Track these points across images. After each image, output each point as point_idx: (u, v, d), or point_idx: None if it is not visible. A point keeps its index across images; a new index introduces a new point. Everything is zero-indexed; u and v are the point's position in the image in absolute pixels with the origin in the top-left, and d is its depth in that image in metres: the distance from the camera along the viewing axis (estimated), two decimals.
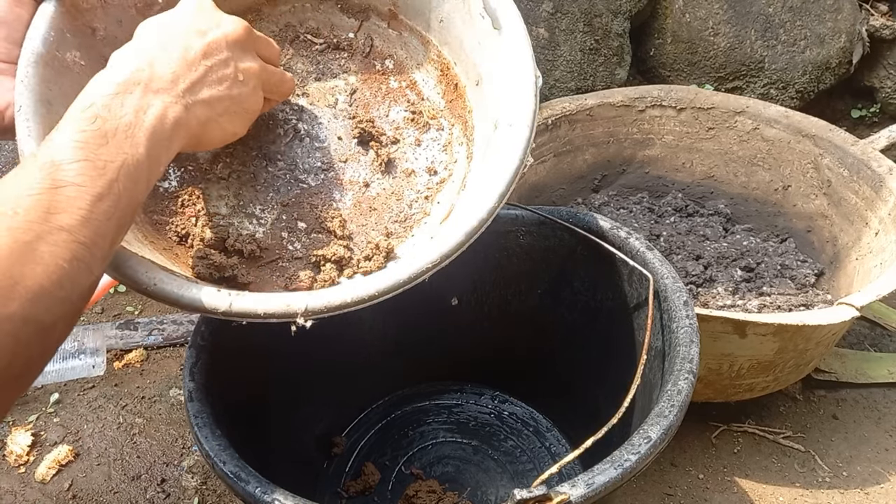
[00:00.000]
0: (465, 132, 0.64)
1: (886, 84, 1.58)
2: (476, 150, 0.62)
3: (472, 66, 0.63)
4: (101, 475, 0.89)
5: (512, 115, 0.57)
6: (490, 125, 0.60)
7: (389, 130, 0.66)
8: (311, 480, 0.79)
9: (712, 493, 0.88)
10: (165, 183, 0.60)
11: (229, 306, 0.47)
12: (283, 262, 0.59)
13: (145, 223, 0.57)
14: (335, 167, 0.64)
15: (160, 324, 1.09)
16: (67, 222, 0.38)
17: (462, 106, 0.65)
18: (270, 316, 0.48)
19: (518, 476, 0.79)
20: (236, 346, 0.62)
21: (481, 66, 0.62)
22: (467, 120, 0.64)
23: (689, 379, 0.54)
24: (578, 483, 0.45)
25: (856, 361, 1.06)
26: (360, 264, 0.58)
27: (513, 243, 0.77)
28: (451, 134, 0.65)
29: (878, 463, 0.93)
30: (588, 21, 1.36)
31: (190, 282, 0.50)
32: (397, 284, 0.49)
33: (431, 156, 0.65)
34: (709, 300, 0.99)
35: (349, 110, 0.66)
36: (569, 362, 0.81)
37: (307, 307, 0.47)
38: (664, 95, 1.19)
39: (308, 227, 0.61)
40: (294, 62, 0.67)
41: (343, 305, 0.48)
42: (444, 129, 0.66)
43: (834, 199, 1.07)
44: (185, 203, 0.59)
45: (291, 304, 0.47)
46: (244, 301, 0.48)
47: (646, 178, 1.24)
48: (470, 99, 0.64)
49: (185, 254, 0.56)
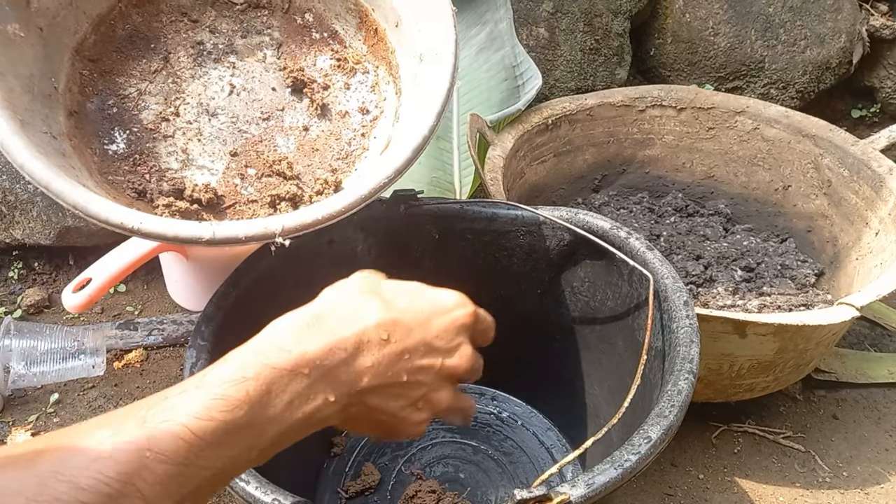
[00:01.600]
0: (389, 72, 0.69)
1: (886, 84, 1.58)
2: (404, 86, 0.67)
3: (390, 8, 0.68)
4: None
5: (435, 45, 0.62)
6: (415, 60, 0.65)
7: (319, 78, 0.70)
8: (311, 480, 0.79)
9: (712, 493, 0.88)
10: (114, 146, 0.63)
11: (213, 234, 0.51)
12: (240, 206, 0.63)
13: (103, 183, 0.60)
14: (274, 116, 0.68)
15: (160, 324, 1.09)
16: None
17: (384, 48, 0.70)
18: (251, 238, 0.52)
19: (518, 476, 0.79)
20: (236, 347, 0.62)
21: (399, 7, 0.66)
22: (391, 60, 0.69)
23: (690, 379, 0.54)
24: (578, 483, 0.45)
25: (856, 361, 1.06)
26: (312, 199, 0.62)
27: (513, 243, 0.77)
28: (377, 75, 0.71)
29: (878, 463, 0.93)
30: (588, 21, 1.36)
31: (173, 219, 0.53)
32: (360, 198, 0.54)
33: (361, 97, 0.70)
34: (709, 300, 0.99)
35: (278, 63, 0.70)
36: (569, 362, 0.81)
37: (283, 227, 0.52)
38: (664, 95, 1.19)
39: (258, 173, 0.65)
40: (218, 23, 0.70)
41: (315, 222, 0.52)
42: (369, 73, 0.71)
43: (834, 199, 1.07)
44: (136, 162, 0.62)
45: (269, 225, 0.52)
46: (225, 228, 0.52)
47: (646, 178, 1.24)
48: (391, 41, 0.69)
49: (146, 208, 0.59)
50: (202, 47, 0.69)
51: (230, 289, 0.64)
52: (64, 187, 0.49)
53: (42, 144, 0.53)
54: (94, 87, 0.64)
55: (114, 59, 0.65)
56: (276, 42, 0.71)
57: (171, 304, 1.15)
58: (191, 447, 0.32)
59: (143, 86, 0.66)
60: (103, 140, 0.62)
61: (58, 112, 0.59)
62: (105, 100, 0.64)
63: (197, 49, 0.68)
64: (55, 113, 0.59)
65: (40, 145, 0.53)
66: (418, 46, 0.64)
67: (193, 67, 0.68)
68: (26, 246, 1.14)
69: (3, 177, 1.07)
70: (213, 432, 0.32)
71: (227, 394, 0.33)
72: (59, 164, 0.53)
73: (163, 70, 0.66)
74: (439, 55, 0.61)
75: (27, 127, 0.53)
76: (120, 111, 0.64)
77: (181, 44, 0.68)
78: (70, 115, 0.61)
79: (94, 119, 0.63)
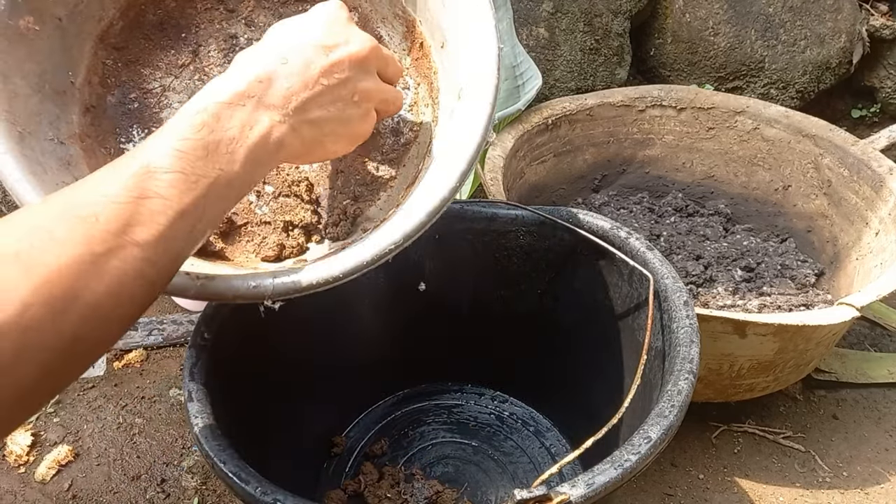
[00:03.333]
0: (430, 93, 0.63)
1: (886, 84, 1.58)
2: (441, 115, 0.61)
3: (437, 27, 0.62)
4: (101, 475, 0.89)
5: (474, 89, 0.56)
6: (454, 93, 0.59)
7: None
8: (311, 480, 0.79)
9: (712, 494, 0.88)
10: (130, 145, 0.59)
11: (199, 288, 0.49)
12: (251, 227, 0.59)
13: None
14: None
15: (160, 324, 1.09)
16: (143, 237, 0.36)
17: (427, 66, 0.63)
18: (239, 298, 0.49)
19: (518, 476, 0.79)
20: (236, 347, 0.62)
21: (445, 28, 0.61)
22: (433, 81, 0.63)
23: (690, 379, 0.54)
24: (578, 483, 0.45)
25: (856, 361, 1.06)
26: (327, 230, 0.58)
27: (513, 243, 0.77)
28: (417, 94, 0.64)
29: (878, 463, 0.93)
30: (588, 21, 1.36)
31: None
32: (360, 266, 0.49)
33: (397, 116, 0.64)
34: (709, 300, 0.99)
35: None
36: (569, 362, 0.81)
37: (274, 289, 0.48)
38: (664, 95, 1.19)
39: (275, 191, 0.61)
40: (255, 14, 0.65)
41: (309, 287, 0.49)
42: (409, 88, 0.65)
43: (834, 199, 1.07)
44: None
45: (259, 286, 0.49)
46: (214, 285, 0.49)
47: (646, 178, 1.24)
48: (435, 60, 0.63)
49: None
50: (235, 41, 0.64)
51: None
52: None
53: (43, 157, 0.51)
54: (117, 77, 0.60)
55: (141, 48, 0.61)
56: None
57: (171, 304, 1.15)
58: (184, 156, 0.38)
59: (167, 81, 0.62)
60: (120, 138, 0.59)
61: (71, 110, 0.56)
62: (127, 93, 0.60)
63: (229, 43, 0.64)
64: (67, 112, 0.56)
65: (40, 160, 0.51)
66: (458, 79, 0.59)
67: (223, 64, 0.63)
68: None
69: None
70: (193, 149, 0.39)
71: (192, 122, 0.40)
72: (58, 180, 0.51)
73: (190, 65, 0.63)
74: (475, 100, 0.55)
75: (28, 139, 0.51)
76: (141, 107, 0.61)
77: (213, 35, 0.64)
78: (86, 111, 0.58)
79: (112, 115, 0.60)
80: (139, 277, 0.36)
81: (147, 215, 0.36)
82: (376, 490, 0.75)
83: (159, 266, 0.37)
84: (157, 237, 0.36)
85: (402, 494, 0.75)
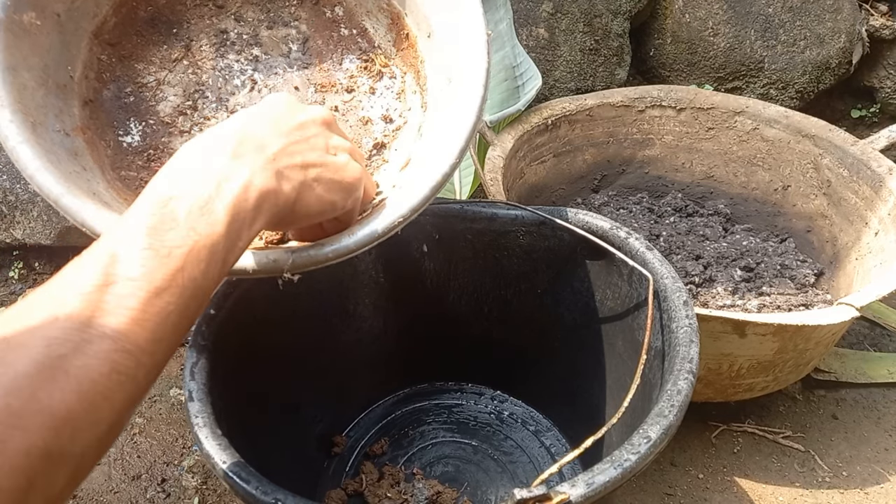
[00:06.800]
0: (417, 81, 0.66)
1: (886, 84, 1.58)
2: (430, 100, 0.64)
3: (423, 17, 0.64)
4: (101, 475, 0.89)
5: (465, 73, 0.58)
6: (443, 78, 0.62)
7: (343, 80, 0.67)
8: (311, 480, 0.79)
9: (712, 493, 0.88)
10: (129, 138, 0.60)
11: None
12: None
13: (115, 181, 0.58)
14: None
15: None
16: (112, 326, 0.32)
17: (413, 55, 0.66)
18: (259, 272, 0.50)
19: (518, 476, 0.79)
20: (237, 347, 0.62)
21: (432, 18, 0.63)
22: (419, 69, 0.65)
23: (689, 379, 0.54)
24: (578, 483, 0.45)
25: (856, 361, 1.06)
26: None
27: (513, 243, 0.77)
28: (404, 82, 0.67)
29: (878, 463, 0.93)
30: (588, 21, 1.36)
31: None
32: (373, 237, 0.52)
33: (386, 104, 0.67)
34: (709, 300, 0.99)
35: (303, 59, 0.67)
36: (569, 362, 0.81)
37: (293, 262, 0.50)
38: (664, 95, 1.19)
39: None
40: (244, 10, 0.67)
41: (326, 259, 0.51)
42: (396, 78, 0.67)
43: (834, 199, 1.07)
44: (150, 158, 0.60)
45: (278, 260, 0.50)
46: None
47: (646, 178, 1.24)
48: (421, 50, 0.65)
49: None
50: (225, 36, 0.66)
51: (230, 289, 0.64)
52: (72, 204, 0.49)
53: (54, 147, 0.52)
54: (111, 72, 0.62)
55: (134, 44, 0.63)
56: (302, 36, 0.68)
57: None
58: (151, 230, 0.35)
59: (161, 75, 0.63)
60: (118, 131, 0.61)
61: (72, 103, 0.58)
62: (122, 87, 0.62)
63: (220, 38, 0.66)
64: (69, 105, 0.57)
65: (52, 149, 0.52)
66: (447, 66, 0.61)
67: (215, 58, 0.65)
68: (27, 246, 1.14)
69: (3, 177, 1.07)
70: (161, 219, 0.36)
71: (158, 190, 0.37)
72: (71, 169, 0.52)
73: (183, 59, 0.64)
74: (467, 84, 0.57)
75: (39, 129, 0.52)
76: (137, 100, 0.62)
77: (204, 31, 0.65)
78: (85, 104, 0.59)
79: (109, 108, 0.61)
80: (114, 373, 0.32)
81: (114, 302, 0.32)
82: (376, 490, 0.76)
83: (140, 357, 0.33)
84: (129, 323, 0.32)
85: (402, 494, 0.75)
